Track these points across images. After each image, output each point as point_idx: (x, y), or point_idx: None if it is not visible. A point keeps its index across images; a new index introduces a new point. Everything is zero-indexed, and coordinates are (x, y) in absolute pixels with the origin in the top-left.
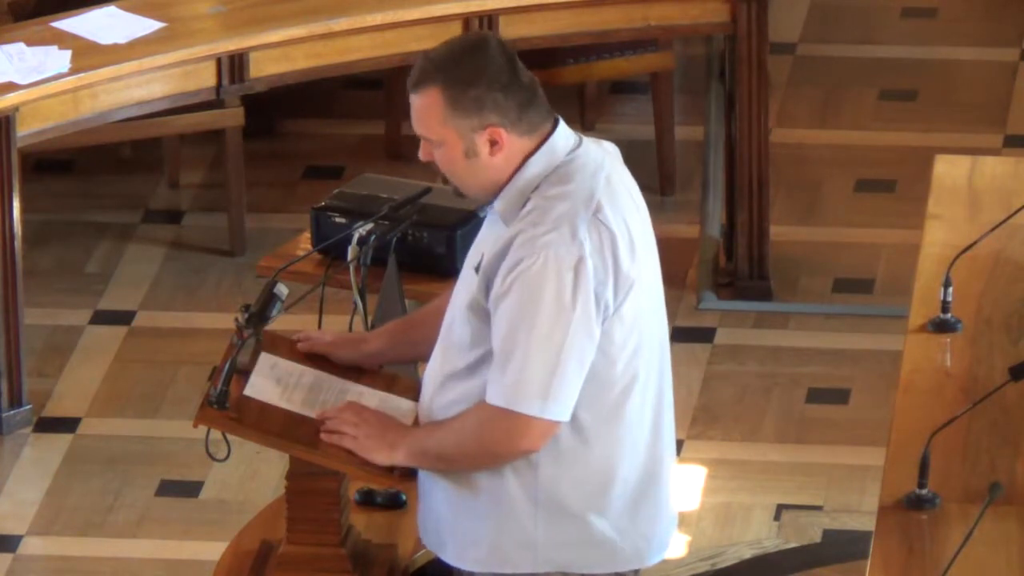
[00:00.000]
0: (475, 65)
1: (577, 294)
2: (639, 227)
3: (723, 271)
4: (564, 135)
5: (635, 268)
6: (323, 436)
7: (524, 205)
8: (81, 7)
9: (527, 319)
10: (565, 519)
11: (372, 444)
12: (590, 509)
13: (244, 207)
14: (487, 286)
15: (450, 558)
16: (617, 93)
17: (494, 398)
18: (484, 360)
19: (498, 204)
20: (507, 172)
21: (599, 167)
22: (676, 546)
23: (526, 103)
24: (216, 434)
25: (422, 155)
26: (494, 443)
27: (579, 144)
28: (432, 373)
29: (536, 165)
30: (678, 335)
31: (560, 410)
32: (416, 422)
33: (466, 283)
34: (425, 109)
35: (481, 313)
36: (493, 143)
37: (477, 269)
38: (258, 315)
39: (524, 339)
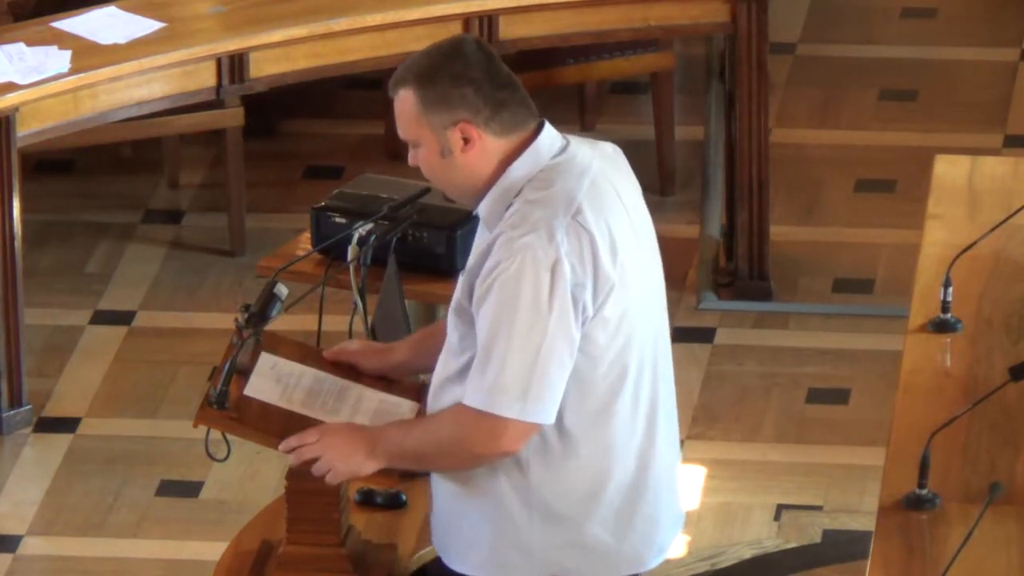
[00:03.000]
0: (446, 63)
1: (554, 296)
2: (624, 230)
3: (723, 271)
4: (549, 138)
5: (616, 271)
6: (294, 466)
7: (507, 209)
8: (81, 7)
9: (505, 321)
10: (558, 523)
11: (345, 456)
12: (583, 513)
13: (244, 207)
14: (470, 289)
15: (452, 562)
16: (617, 93)
17: (472, 400)
18: (472, 365)
19: (482, 208)
20: (485, 173)
21: (585, 170)
22: (676, 546)
23: (501, 102)
24: (216, 434)
25: (409, 160)
26: (472, 444)
27: (565, 147)
28: (435, 377)
29: (519, 169)
30: (678, 335)
31: (540, 412)
32: None
33: (456, 287)
34: (401, 110)
35: (465, 316)
36: (466, 140)
37: (464, 272)
38: (258, 315)
39: (503, 341)
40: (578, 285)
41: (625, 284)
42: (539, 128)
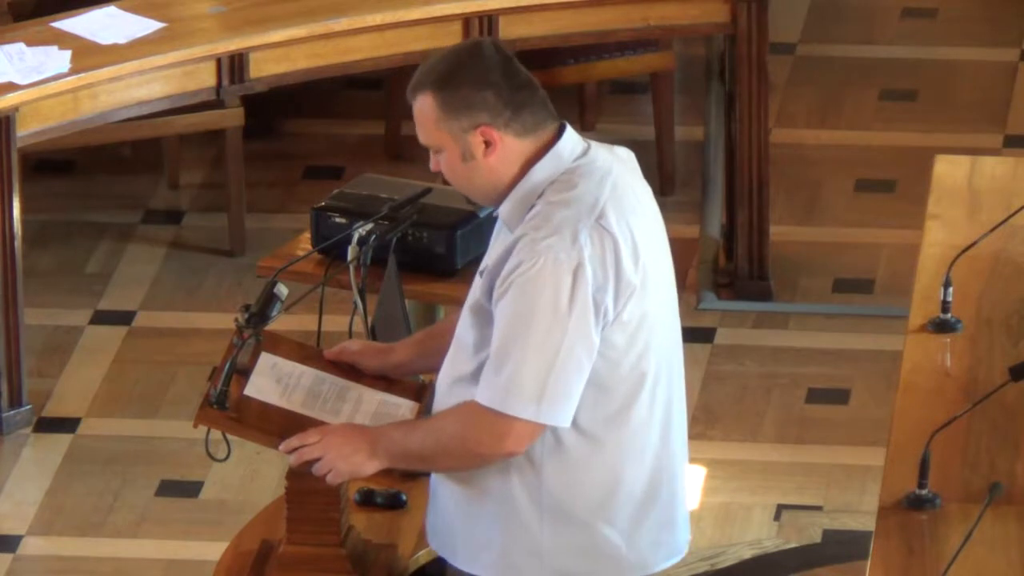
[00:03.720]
0: (464, 67)
1: (575, 299)
2: (644, 233)
3: (723, 271)
4: (571, 141)
5: (638, 274)
6: (294, 465)
7: (529, 210)
8: (81, 7)
9: (524, 322)
10: (571, 526)
11: (346, 456)
12: (596, 516)
13: (244, 207)
14: (490, 289)
15: (461, 563)
16: (617, 93)
17: (485, 398)
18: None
19: (503, 209)
20: (507, 175)
21: (606, 173)
22: None
23: (521, 104)
24: (216, 434)
25: (431, 166)
26: (476, 443)
27: (587, 150)
28: (442, 376)
29: (542, 171)
30: None
31: (554, 414)
32: None
33: (472, 287)
34: (420, 115)
35: (484, 316)
36: (487, 144)
37: (483, 273)
38: (258, 315)
39: (520, 342)
40: (599, 289)
41: (645, 288)
42: (560, 130)
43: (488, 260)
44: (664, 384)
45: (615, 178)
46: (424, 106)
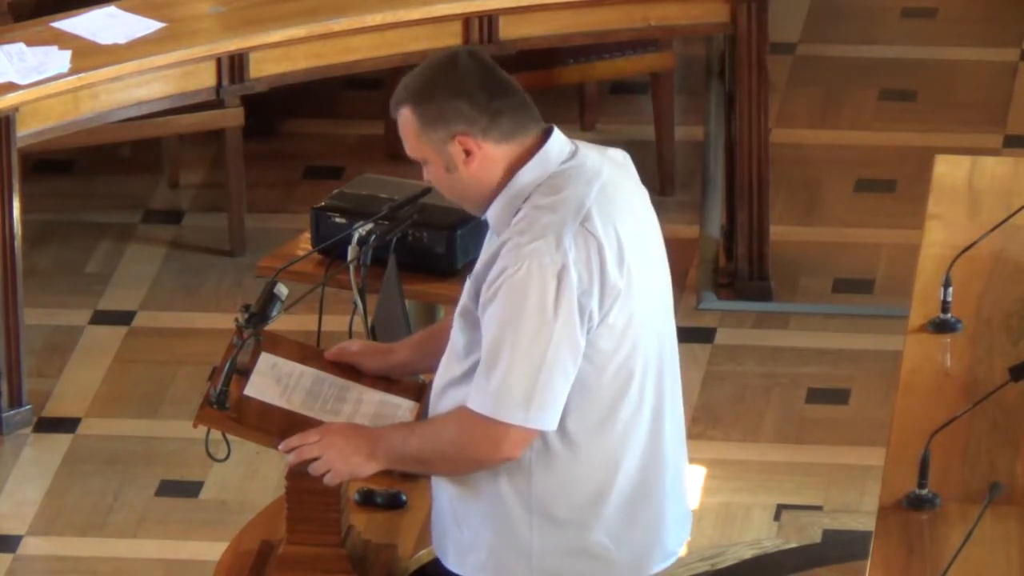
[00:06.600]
0: (438, 78)
1: (560, 303)
2: (633, 236)
3: (723, 271)
4: (558, 144)
5: (623, 277)
6: (293, 465)
7: (515, 214)
8: (81, 7)
9: (511, 327)
10: (559, 528)
11: (345, 457)
12: (584, 518)
13: (244, 207)
14: (476, 294)
15: (451, 564)
16: (617, 93)
17: (477, 405)
18: (476, 368)
19: (491, 214)
20: (492, 181)
21: (594, 176)
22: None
23: (498, 111)
24: (216, 434)
25: (424, 177)
26: (473, 449)
27: (575, 153)
28: (437, 380)
29: (528, 175)
30: (678, 335)
31: (543, 418)
32: None
33: (463, 291)
34: (403, 130)
35: (472, 320)
36: (467, 152)
37: (471, 276)
38: (258, 315)
39: (508, 347)
40: (584, 292)
41: (631, 291)
42: (547, 134)
43: (477, 264)
44: (652, 386)
45: (604, 181)
46: (405, 120)
